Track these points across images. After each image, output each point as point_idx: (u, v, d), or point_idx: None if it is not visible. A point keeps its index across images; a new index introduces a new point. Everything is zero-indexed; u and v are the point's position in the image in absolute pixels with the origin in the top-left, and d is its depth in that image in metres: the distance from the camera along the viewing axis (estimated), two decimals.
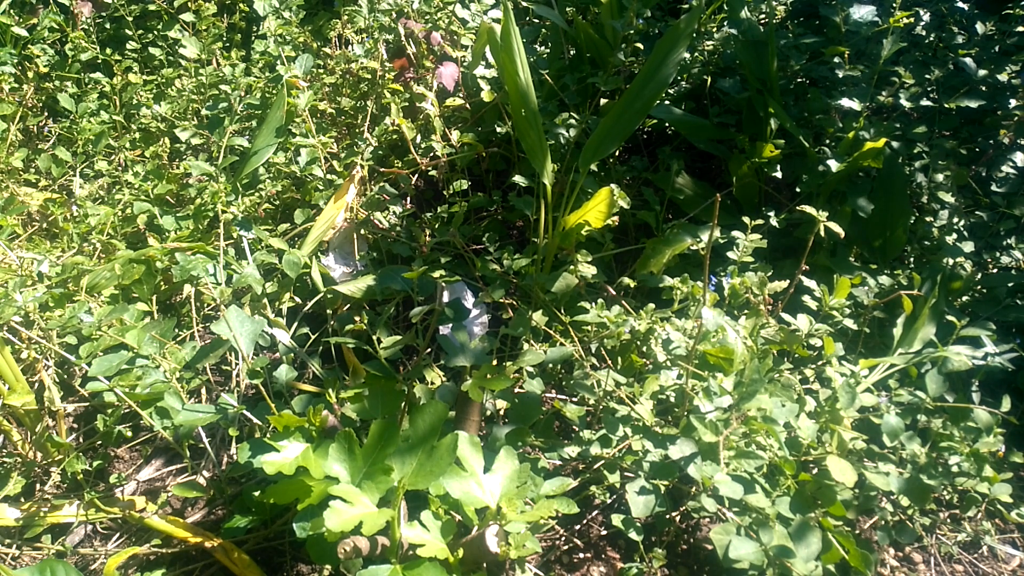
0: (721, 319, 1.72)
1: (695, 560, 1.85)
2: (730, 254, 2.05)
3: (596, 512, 1.91)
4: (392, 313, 1.93)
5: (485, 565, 1.47)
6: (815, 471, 1.77)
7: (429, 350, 2.12)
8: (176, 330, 2.10)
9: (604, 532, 1.88)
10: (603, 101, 2.54)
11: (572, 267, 2.10)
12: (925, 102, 2.42)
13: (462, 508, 1.48)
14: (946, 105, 2.42)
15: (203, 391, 2.06)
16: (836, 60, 2.44)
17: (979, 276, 2.31)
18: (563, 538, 1.85)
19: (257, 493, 1.64)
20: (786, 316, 1.95)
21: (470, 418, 1.75)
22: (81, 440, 2.00)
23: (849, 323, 2.02)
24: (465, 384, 1.65)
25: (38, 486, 1.88)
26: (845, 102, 2.34)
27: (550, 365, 1.97)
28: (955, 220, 2.39)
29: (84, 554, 1.77)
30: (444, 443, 1.43)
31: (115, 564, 1.60)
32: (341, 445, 1.43)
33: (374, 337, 1.91)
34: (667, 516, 1.79)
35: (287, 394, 1.83)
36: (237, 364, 2.04)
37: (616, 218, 2.17)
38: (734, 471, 1.55)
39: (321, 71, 2.73)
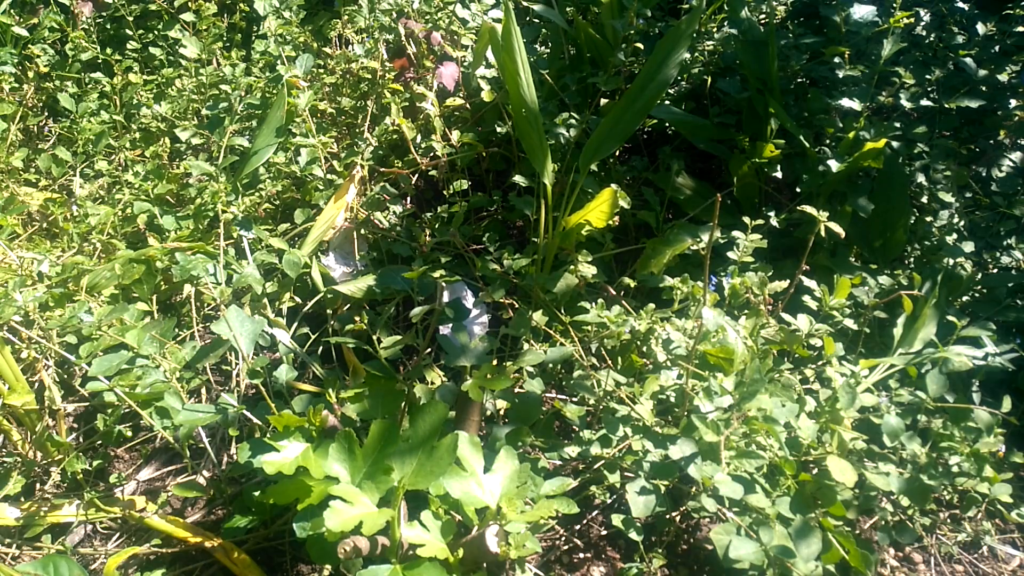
0: (721, 319, 1.72)
1: (695, 560, 1.85)
2: (730, 254, 2.05)
3: (596, 512, 1.91)
4: (392, 313, 1.93)
5: (485, 565, 1.47)
6: (815, 471, 1.77)
7: (429, 350, 2.12)
8: (176, 330, 2.10)
9: (604, 532, 1.88)
10: (603, 101, 2.54)
11: (572, 267, 2.10)
12: (925, 102, 2.42)
13: (462, 508, 1.47)
14: (946, 105, 2.42)
15: (203, 391, 2.06)
16: (836, 60, 2.44)
17: (979, 276, 2.31)
18: (563, 538, 1.85)
19: (257, 493, 1.64)
20: (786, 316, 1.94)
21: (470, 418, 1.75)
22: (81, 440, 2.00)
23: (849, 323, 2.02)
24: (465, 384, 1.65)
25: (38, 486, 1.88)
26: (845, 102, 2.34)
27: (550, 365, 1.97)
28: (955, 220, 2.39)
29: (84, 554, 1.77)
30: (444, 443, 1.43)
31: (115, 564, 1.60)
32: (341, 445, 1.43)
33: (374, 337, 1.91)
34: (667, 516, 1.79)
35: (287, 394, 1.83)
36: (237, 364, 2.04)
37: (616, 218, 2.17)
38: (734, 471, 1.55)
39: (321, 71, 2.73)
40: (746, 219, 2.02)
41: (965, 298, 2.31)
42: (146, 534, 1.78)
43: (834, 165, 2.28)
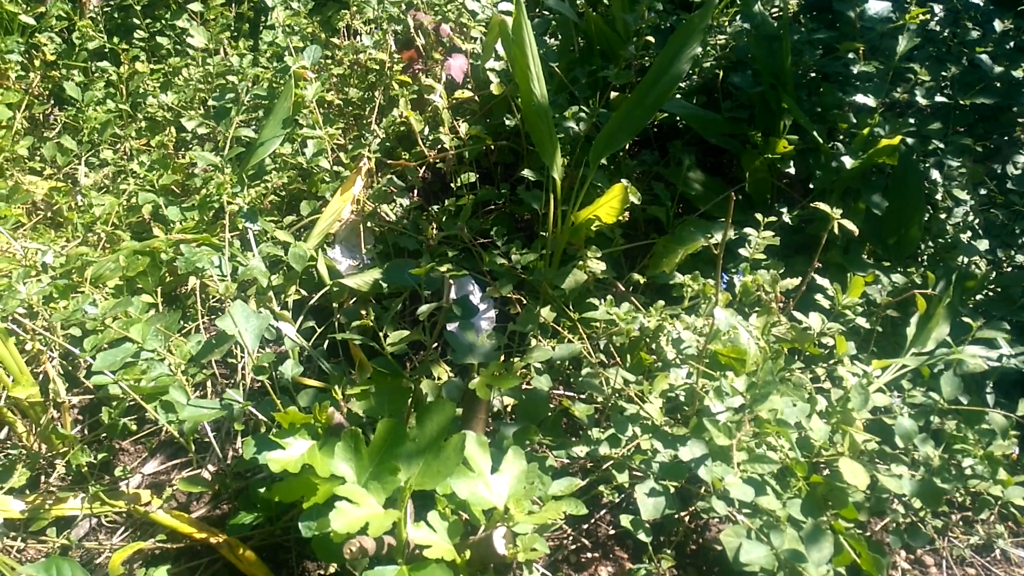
0: (734, 320, 1.69)
1: (704, 561, 1.83)
2: (742, 251, 2.02)
3: (604, 511, 1.89)
4: (399, 309, 1.90)
5: (492, 566, 1.45)
6: (826, 472, 1.75)
7: (436, 345, 2.10)
8: (181, 322, 2.09)
9: (612, 531, 1.86)
10: (614, 94, 2.51)
11: (581, 263, 2.08)
12: (940, 98, 2.39)
13: (469, 508, 1.46)
14: (961, 102, 2.38)
15: (208, 384, 2.04)
16: (851, 56, 2.40)
17: (993, 275, 2.28)
18: (571, 537, 1.83)
19: (263, 490, 1.63)
20: (798, 315, 1.92)
21: (477, 416, 1.73)
22: (86, 432, 1.99)
23: (862, 322, 2.00)
24: (473, 382, 1.63)
25: (43, 478, 1.87)
26: (860, 98, 2.31)
27: (558, 362, 1.94)
28: (970, 218, 2.36)
29: (89, 548, 1.76)
30: (451, 443, 1.41)
31: (120, 559, 1.59)
32: (347, 444, 1.41)
33: (380, 334, 1.88)
34: (676, 516, 1.77)
35: (292, 390, 1.81)
36: (243, 357, 2.03)
37: (626, 213, 2.15)
38: (744, 471, 1.53)
39: (329, 61, 2.70)
40: (758, 216, 1.99)
41: (979, 297, 2.28)
42: (151, 528, 1.77)
43: (848, 162, 2.25)
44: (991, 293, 2.29)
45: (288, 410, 1.53)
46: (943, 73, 2.37)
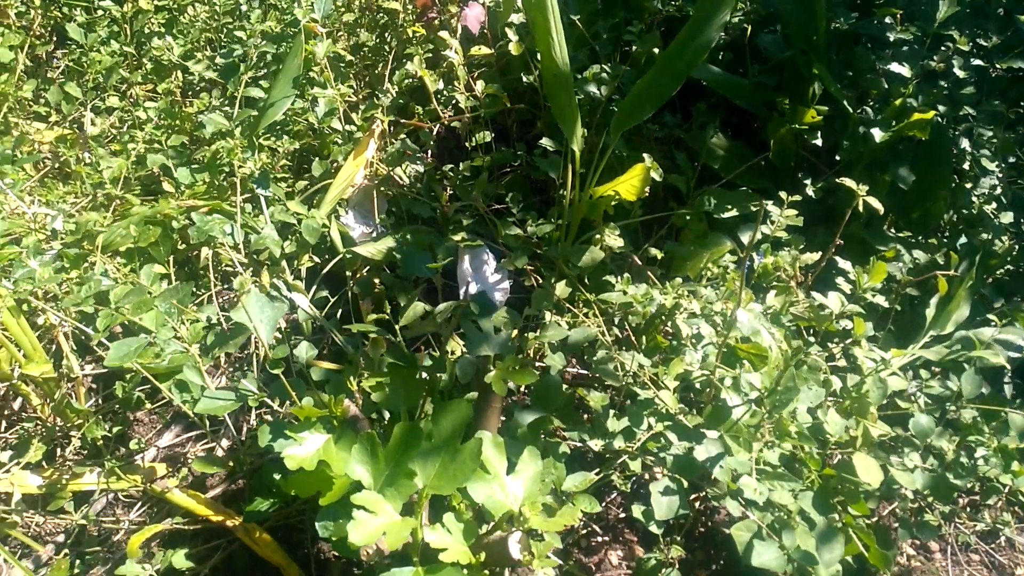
0: (757, 323, 1.66)
1: (712, 544, 1.86)
2: (763, 228, 1.97)
3: (615, 495, 1.91)
4: (415, 295, 1.87)
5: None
6: (838, 460, 1.75)
7: (451, 317, 2.07)
8: (195, 290, 2.06)
9: (623, 515, 1.88)
10: (636, 48, 2.41)
11: (598, 238, 2.03)
12: (976, 62, 2.29)
13: (485, 508, 1.46)
14: (997, 65, 2.28)
15: (222, 357, 2.03)
16: (888, 20, 2.29)
17: (1016, 250, 2.23)
18: (582, 522, 1.85)
19: (278, 477, 1.63)
20: (816, 295, 1.88)
21: (492, 405, 1.73)
22: (100, 403, 1.99)
23: (880, 300, 1.95)
24: (488, 376, 1.61)
25: (59, 451, 1.88)
26: (895, 67, 2.21)
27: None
28: (997, 191, 2.30)
29: (107, 525, 1.78)
30: (468, 448, 1.40)
31: (138, 543, 1.61)
32: (363, 447, 1.41)
33: (396, 307, 1.86)
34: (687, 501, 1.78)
35: (306, 368, 1.79)
36: None
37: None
38: (760, 481, 1.53)
39: (340, 6, 2.59)
40: (782, 194, 1.93)
41: (1000, 272, 2.24)
42: (168, 504, 1.79)
43: (877, 134, 2.17)
44: (1014, 266, 2.25)
45: (303, 405, 1.52)
46: (985, 44, 2.26)
